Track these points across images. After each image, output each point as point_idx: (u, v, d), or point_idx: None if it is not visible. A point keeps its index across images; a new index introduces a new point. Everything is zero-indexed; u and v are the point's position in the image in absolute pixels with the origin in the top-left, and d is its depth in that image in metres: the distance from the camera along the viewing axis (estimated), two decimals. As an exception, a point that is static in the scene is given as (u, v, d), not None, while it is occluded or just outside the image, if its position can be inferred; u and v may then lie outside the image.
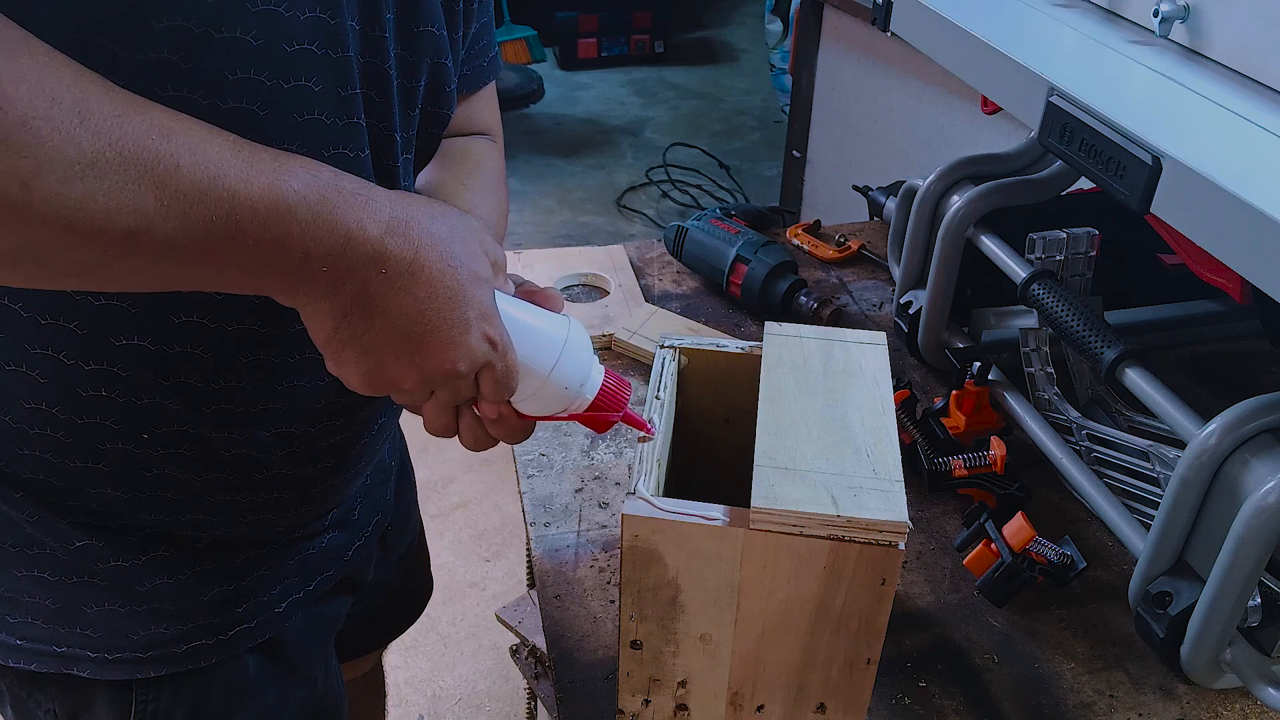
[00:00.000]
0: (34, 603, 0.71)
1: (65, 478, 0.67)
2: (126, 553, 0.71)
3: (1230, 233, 0.59)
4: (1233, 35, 0.71)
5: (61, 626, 0.72)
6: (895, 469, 0.61)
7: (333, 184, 0.51)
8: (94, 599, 0.71)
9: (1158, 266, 1.18)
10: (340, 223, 0.51)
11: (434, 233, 0.54)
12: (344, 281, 0.52)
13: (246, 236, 0.48)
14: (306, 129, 0.60)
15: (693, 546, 0.61)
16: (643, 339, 1.18)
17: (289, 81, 0.57)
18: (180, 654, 0.75)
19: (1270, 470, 0.71)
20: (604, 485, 1.01)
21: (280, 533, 0.78)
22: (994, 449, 0.96)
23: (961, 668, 0.85)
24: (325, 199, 0.50)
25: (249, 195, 0.48)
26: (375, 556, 0.95)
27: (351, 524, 0.87)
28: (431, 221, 0.55)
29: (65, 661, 0.72)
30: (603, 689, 0.81)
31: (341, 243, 0.51)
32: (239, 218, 0.48)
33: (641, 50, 4.95)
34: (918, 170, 1.15)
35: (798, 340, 0.73)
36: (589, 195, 3.77)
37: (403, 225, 0.53)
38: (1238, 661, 0.77)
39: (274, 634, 0.80)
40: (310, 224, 0.50)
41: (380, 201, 0.53)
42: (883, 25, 1.00)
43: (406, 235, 0.53)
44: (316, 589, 0.83)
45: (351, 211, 0.51)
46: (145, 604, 0.73)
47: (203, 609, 0.75)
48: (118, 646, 0.73)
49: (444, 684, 1.96)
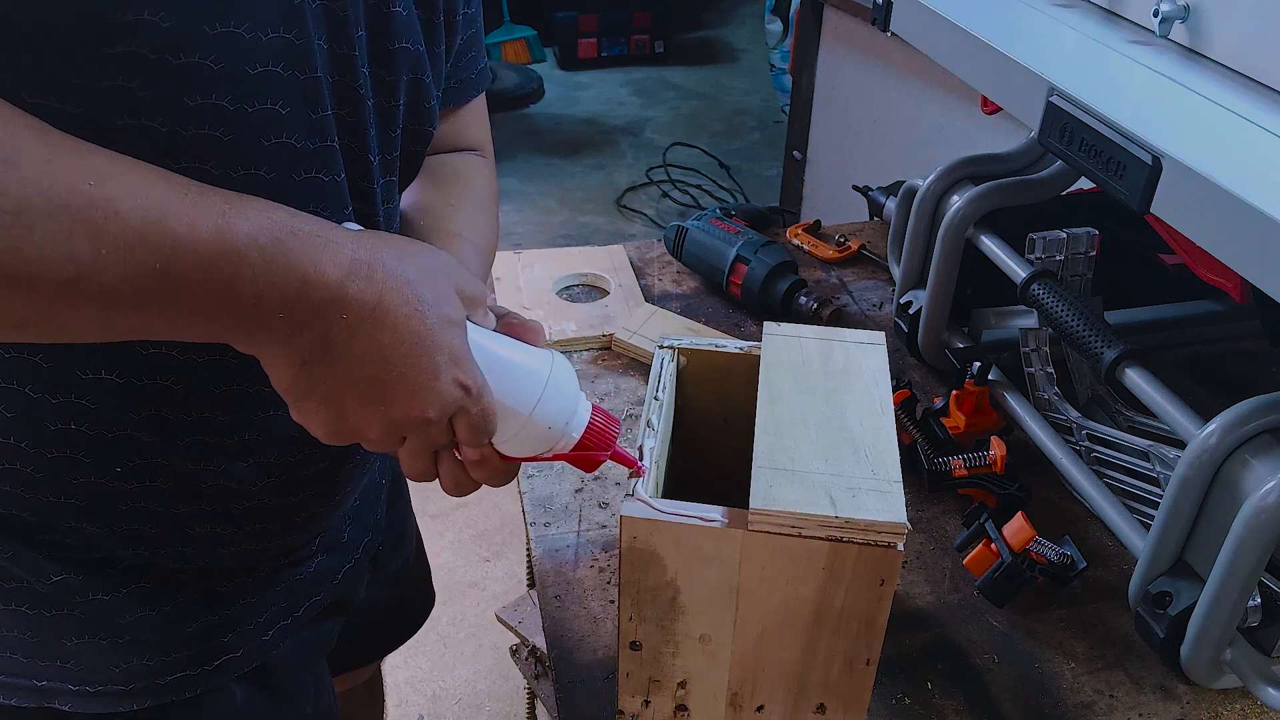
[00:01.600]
0: (13, 636, 0.69)
1: (38, 513, 0.66)
2: (106, 586, 0.69)
3: (1230, 233, 0.59)
4: (1233, 35, 0.71)
5: (41, 660, 0.70)
6: (894, 470, 0.61)
7: (287, 225, 0.49)
8: (74, 632, 0.69)
9: (1158, 266, 1.18)
10: (295, 266, 0.49)
11: (400, 274, 0.52)
12: (302, 328, 0.50)
13: (192, 282, 0.47)
14: (275, 153, 0.58)
15: (691, 547, 0.61)
16: (643, 339, 1.18)
17: (253, 105, 0.55)
18: (164, 685, 0.73)
19: (1270, 470, 0.71)
20: (604, 485, 1.01)
21: (266, 561, 0.77)
22: (994, 449, 0.96)
23: (961, 668, 0.85)
24: (279, 241, 0.48)
25: (194, 239, 0.46)
26: (366, 577, 0.93)
27: (341, 547, 0.85)
28: (397, 262, 0.52)
29: (46, 696, 0.70)
30: (603, 689, 0.81)
31: (297, 287, 0.49)
32: (183, 263, 0.46)
33: (641, 50, 4.95)
34: (918, 170, 1.15)
35: (797, 340, 0.73)
36: (589, 195, 3.77)
37: (365, 268, 0.51)
38: (1238, 661, 0.77)
39: (261, 662, 0.78)
40: (262, 268, 0.48)
41: (340, 243, 0.51)
42: (883, 25, 1.00)
43: (370, 278, 0.51)
44: (305, 614, 0.81)
45: (308, 254, 0.49)
46: (127, 635, 0.71)
47: (187, 640, 0.73)
48: (99, 680, 0.71)
49: (444, 684, 1.96)
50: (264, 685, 0.79)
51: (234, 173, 0.57)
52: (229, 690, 0.76)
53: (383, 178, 0.69)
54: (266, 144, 0.57)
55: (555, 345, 1.19)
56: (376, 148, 0.67)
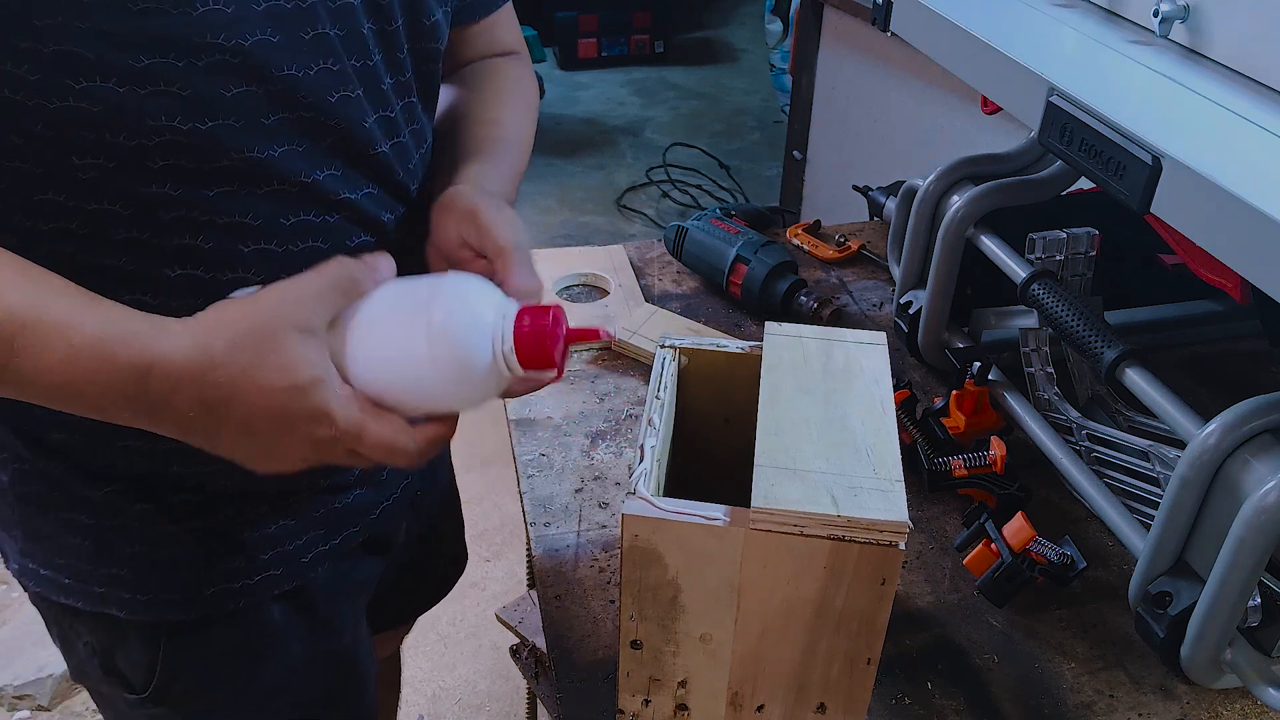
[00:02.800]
0: (74, 543, 0.75)
1: (88, 435, 0.70)
2: (153, 500, 0.74)
3: (1230, 233, 0.59)
4: (1233, 35, 0.71)
5: (98, 567, 0.75)
6: (895, 469, 0.61)
7: (115, 356, 0.54)
8: (125, 542, 0.75)
9: (1158, 266, 1.18)
10: (130, 364, 0.54)
11: (235, 367, 0.54)
12: (159, 414, 0.56)
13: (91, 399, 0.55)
14: (285, 82, 0.62)
15: (693, 546, 0.61)
16: (643, 339, 1.18)
17: (248, 38, 0.59)
18: (207, 597, 0.77)
19: (1270, 470, 0.71)
20: (604, 485, 1.01)
21: (305, 484, 0.80)
22: (994, 449, 0.96)
23: (961, 668, 0.85)
24: (103, 342, 0.54)
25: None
26: (406, 519, 0.97)
27: (379, 484, 0.88)
28: (230, 354, 0.55)
29: (102, 601, 0.76)
30: (603, 689, 0.81)
31: (152, 409, 0.55)
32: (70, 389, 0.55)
33: (641, 50, 4.95)
34: (918, 170, 1.15)
35: (798, 340, 0.73)
36: (589, 195, 3.77)
37: (200, 382, 0.54)
38: (1238, 661, 0.77)
39: (300, 584, 0.82)
40: (111, 398, 0.55)
41: (173, 365, 0.54)
42: (883, 25, 1.00)
43: (213, 382, 0.54)
44: (343, 545, 0.84)
45: (140, 355, 0.54)
46: (173, 548, 0.75)
47: (228, 554, 0.77)
48: (147, 589, 0.76)
49: (444, 684, 1.96)
50: (302, 608, 0.83)
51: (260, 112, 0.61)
52: (267, 608, 0.81)
53: (399, 100, 0.72)
54: (278, 74, 0.61)
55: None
56: (386, 71, 0.70)
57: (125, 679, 0.80)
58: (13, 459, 0.74)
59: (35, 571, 0.77)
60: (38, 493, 0.74)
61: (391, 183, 0.73)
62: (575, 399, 1.12)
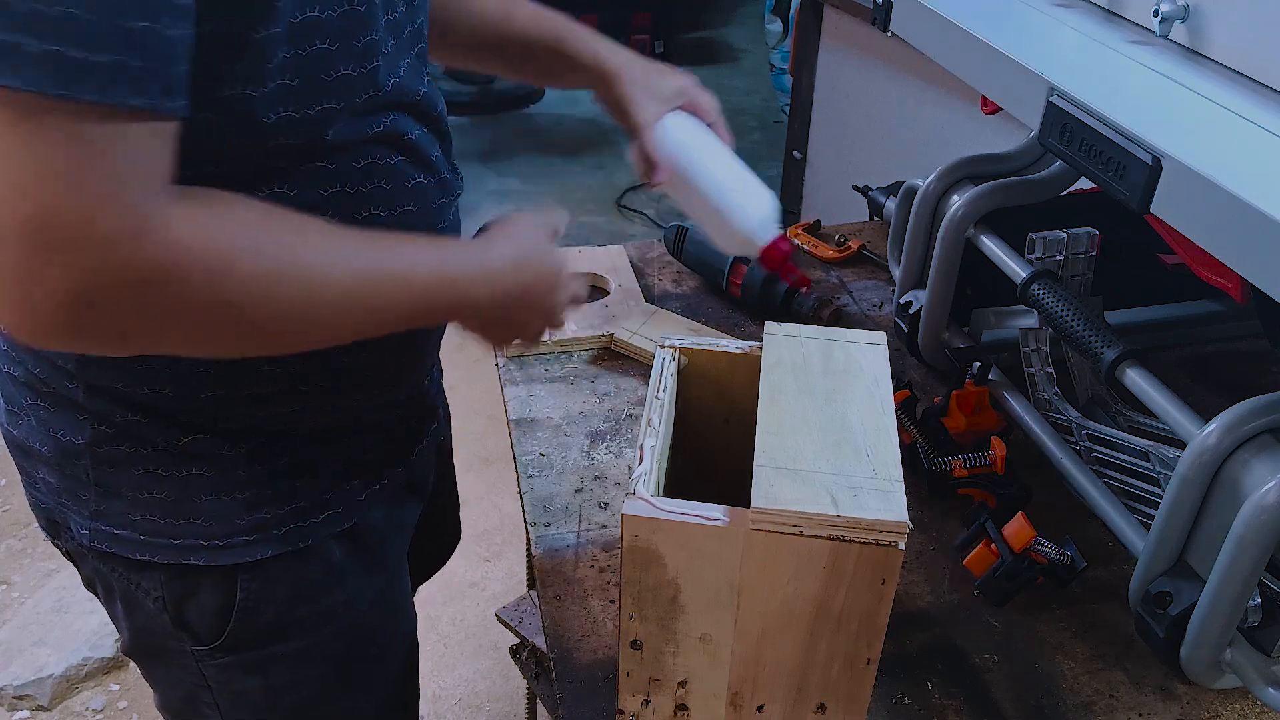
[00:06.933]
0: (151, 498, 0.77)
1: (177, 387, 0.73)
2: (230, 445, 0.77)
3: (1230, 233, 0.59)
4: (1233, 35, 0.71)
5: (177, 519, 0.77)
6: (895, 469, 0.61)
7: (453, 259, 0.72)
8: (203, 489, 0.77)
9: (1158, 266, 1.18)
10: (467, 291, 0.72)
11: (522, 257, 0.76)
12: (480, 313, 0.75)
13: (419, 313, 0.71)
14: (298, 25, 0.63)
15: (693, 546, 0.61)
16: (643, 339, 1.18)
17: None
18: (280, 536, 0.80)
19: (1270, 470, 0.71)
20: (604, 485, 1.01)
21: (351, 422, 0.84)
22: (994, 449, 0.96)
23: (961, 668, 0.85)
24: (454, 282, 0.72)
25: (426, 292, 0.70)
26: (435, 465, 1.02)
27: (413, 430, 0.93)
28: (515, 250, 0.76)
29: (183, 552, 0.78)
30: (603, 689, 0.81)
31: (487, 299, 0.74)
32: (418, 307, 0.70)
33: (642, 50, 4.89)
34: (918, 170, 1.15)
35: (798, 340, 0.73)
36: (589, 195, 3.77)
37: (511, 271, 0.75)
38: (1238, 661, 0.77)
39: (356, 522, 0.86)
40: (454, 298, 0.72)
41: (492, 265, 0.74)
42: (883, 25, 1.00)
43: (516, 273, 0.75)
44: (389, 483, 0.89)
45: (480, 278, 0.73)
46: (249, 491, 0.78)
47: (296, 494, 0.80)
48: (226, 533, 0.78)
49: (444, 684, 1.96)
50: (358, 545, 0.87)
51: None
52: (328, 546, 0.84)
53: (416, 46, 0.76)
54: (295, 21, 0.62)
55: (555, 345, 1.19)
56: (409, 17, 0.74)
57: (194, 632, 0.82)
58: (93, 419, 0.75)
59: (109, 533, 0.78)
60: (119, 451, 0.76)
61: (431, 120, 0.79)
62: (575, 399, 1.13)
